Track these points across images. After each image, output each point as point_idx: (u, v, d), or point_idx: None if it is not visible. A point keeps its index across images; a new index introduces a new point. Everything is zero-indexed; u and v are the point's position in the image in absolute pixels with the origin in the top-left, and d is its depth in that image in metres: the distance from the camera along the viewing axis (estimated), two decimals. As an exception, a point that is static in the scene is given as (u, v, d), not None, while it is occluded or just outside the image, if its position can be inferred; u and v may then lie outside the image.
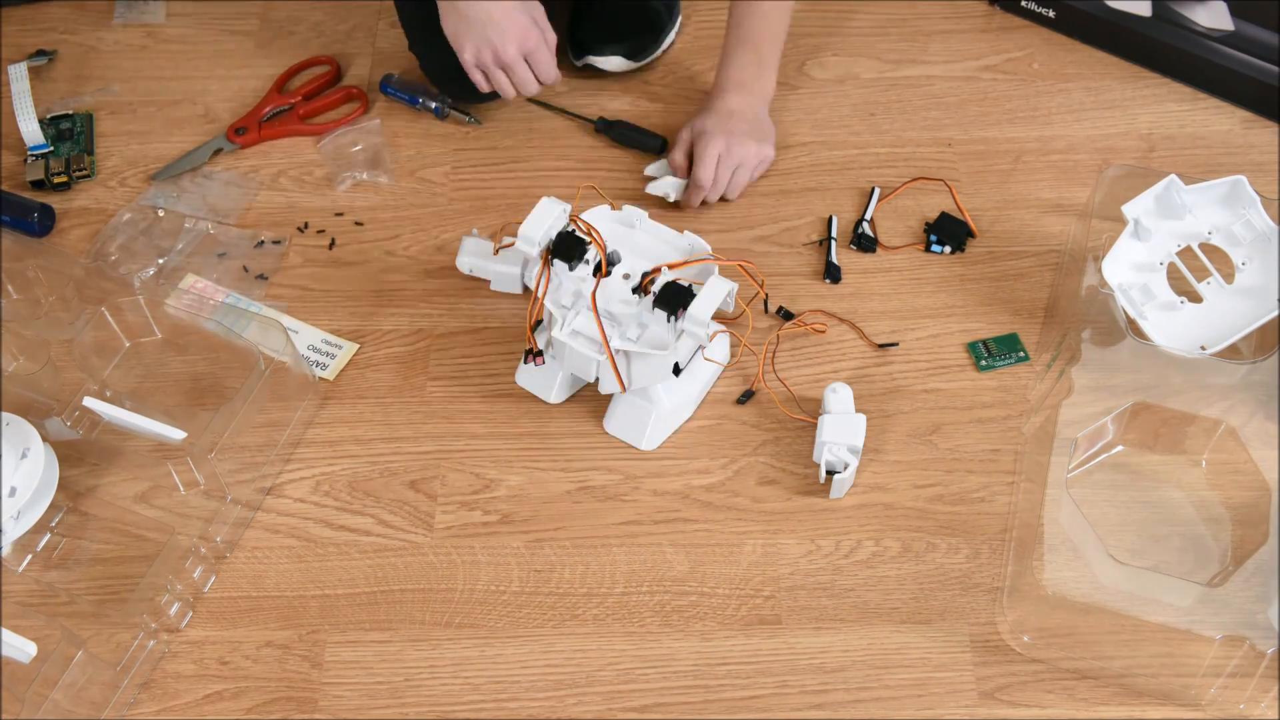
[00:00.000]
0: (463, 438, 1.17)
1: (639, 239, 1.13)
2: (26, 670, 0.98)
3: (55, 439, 1.12)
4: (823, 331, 1.21)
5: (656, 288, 1.07)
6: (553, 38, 1.28)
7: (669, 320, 1.06)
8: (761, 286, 1.22)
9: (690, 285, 1.07)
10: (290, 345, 1.15)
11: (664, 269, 1.09)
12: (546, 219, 1.10)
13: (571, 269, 1.10)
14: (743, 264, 1.14)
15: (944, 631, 1.06)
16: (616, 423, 1.16)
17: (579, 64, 1.43)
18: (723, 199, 1.32)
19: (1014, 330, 1.22)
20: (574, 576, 1.09)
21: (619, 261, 1.11)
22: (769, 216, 1.31)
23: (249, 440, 1.13)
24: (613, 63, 1.41)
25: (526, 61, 1.28)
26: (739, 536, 1.11)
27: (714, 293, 1.06)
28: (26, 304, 1.24)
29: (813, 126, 1.38)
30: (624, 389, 1.11)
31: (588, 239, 1.10)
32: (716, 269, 1.10)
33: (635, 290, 1.09)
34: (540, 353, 1.14)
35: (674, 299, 1.06)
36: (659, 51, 1.44)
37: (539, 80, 1.30)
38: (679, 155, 1.32)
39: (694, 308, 1.06)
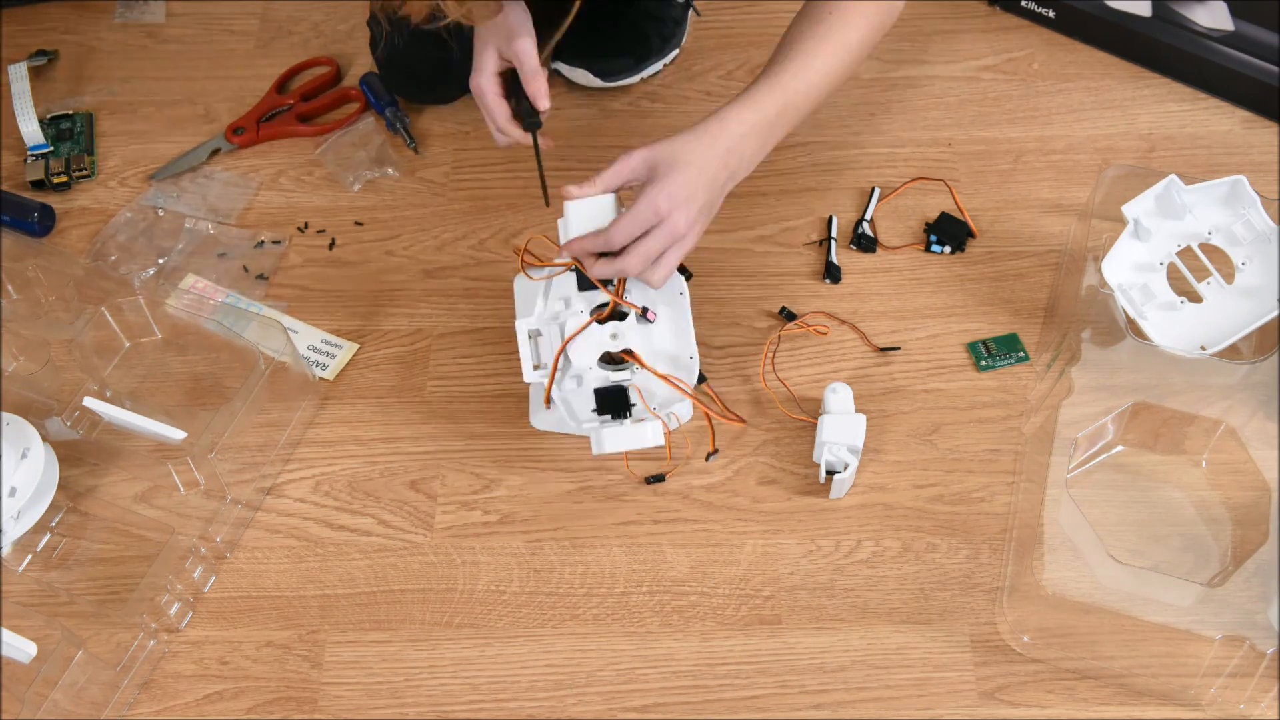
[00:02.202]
0: (463, 438, 1.17)
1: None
2: (26, 670, 0.98)
3: (55, 439, 1.12)
4: (825, 333, 1.21)
5: (602, 383, 1.07)
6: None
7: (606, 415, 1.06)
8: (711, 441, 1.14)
9: (630, 397, 1.07)
10: (290, 345, 1.15)
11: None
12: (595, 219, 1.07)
13: (583, 289, 1.09)
14: (708, 412, 1.11)
15: (944, 631, 1.06)
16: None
17: (550, 65, 1.37)
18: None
19: (1014, 330, 1.22)
20: (574, 576, 1.09)
21: (621, 319, 1.09)
22: (769, 216, 1.31)
23: (249, 440, 1.13)
24: (578, 75, 1.36)
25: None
26: (739, 536, 1.11)
27: (636, 435, 1.04)
28: (26, 304, 1.24)
29: (813, 126, 1.38)
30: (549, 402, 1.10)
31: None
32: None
33: (600, 359, 1.08)
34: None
35: (615, 403, 1.06)
36: (636, 79, 1.39)
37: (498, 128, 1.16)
38: (612, 179, 1.06)
39: (605, 434, 1.04)
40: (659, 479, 1.13)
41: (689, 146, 1.05)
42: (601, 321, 1.09)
